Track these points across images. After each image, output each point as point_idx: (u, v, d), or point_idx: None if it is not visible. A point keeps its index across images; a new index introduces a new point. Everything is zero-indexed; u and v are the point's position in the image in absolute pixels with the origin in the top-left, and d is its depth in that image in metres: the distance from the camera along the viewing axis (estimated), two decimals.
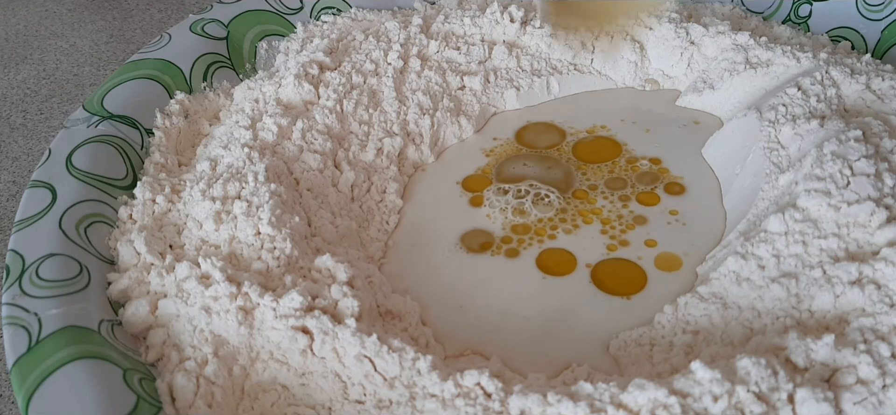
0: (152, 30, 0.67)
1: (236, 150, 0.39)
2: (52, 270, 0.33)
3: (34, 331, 0.30)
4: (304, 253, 0.35)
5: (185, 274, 0.33)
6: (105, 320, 0.32)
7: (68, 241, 0.34)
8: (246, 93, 0.45)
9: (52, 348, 0.29)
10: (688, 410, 0.26)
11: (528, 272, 0.37)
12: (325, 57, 0.45)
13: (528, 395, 0.27)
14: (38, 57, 0.64)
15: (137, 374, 0.30)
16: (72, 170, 0.38)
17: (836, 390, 0.27)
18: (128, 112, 0.42)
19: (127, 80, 0.44)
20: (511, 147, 0.45)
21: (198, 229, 0.35)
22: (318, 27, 0.51)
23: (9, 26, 0.67)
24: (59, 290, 0.32)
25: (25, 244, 0.34)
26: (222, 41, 0.48)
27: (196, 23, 0.48)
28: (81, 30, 0.67)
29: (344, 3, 0.53)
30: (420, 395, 0.28)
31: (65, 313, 0.31)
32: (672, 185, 0.41)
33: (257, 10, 0.51)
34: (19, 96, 0.59)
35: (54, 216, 0.35)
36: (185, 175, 0.39)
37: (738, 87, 0.45)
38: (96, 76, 0.61)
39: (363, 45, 0.47)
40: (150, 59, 0.45)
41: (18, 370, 0.29)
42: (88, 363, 0.29)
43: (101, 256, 0.35)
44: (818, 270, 0.32)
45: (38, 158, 0.52)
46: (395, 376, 0.29)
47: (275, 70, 0.48)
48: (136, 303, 0.33)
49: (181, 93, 0.44)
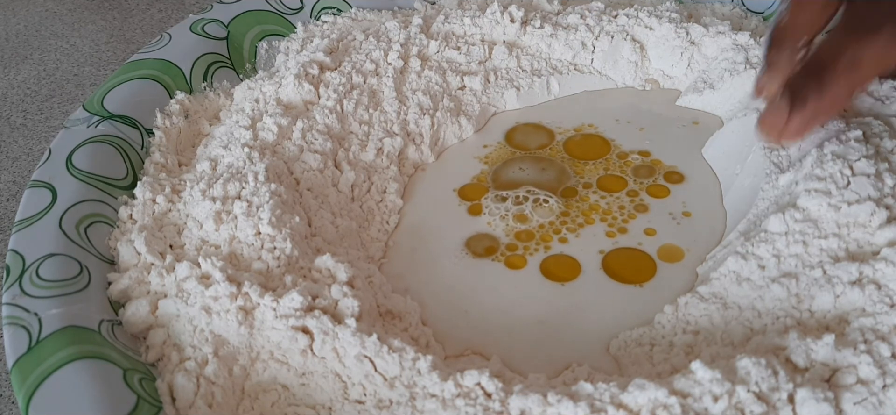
0: (152, 30, 0.67)
1: (236, 150, 0.39)
2: (53, 270, 0.33)
3: (34, 331, 0.30)
4: (305, 253, 0.35)
5: (185, 274, 0.33)
6: (105, 320, 0.32)
7: (68, 241, 0.34)
8: (246, 93, 0.45)
9: (53, 347, 0.29)
10: (688, 410, 0.26)
11: (530, 275, 0.37)
12: (325, 57, 0.45)
13: (528, 395, 0.27)
14: (38, 57, 0.63)
15: (137, 374, 0.30)
16: (72, 170, 0.38)
17: (836, 390, 0.27)
18: (128, 112, 0.42)
19: (127, 80, 0.44)
20: (504, 151, 0.44)
21: (198, 229, 0.35)
22: (318, 27, 0.51)
23: (9, 26, 0.67)
24: (59, 290, 0.32)
25: (26, 244, 0.34)
26: (222, 41, 0.48)
27: (196, 23, 0.48)
28: (81, 30, 0.67)
29: (344, 3, 0.53)
30: (420, 395, 0.28)
31: (65, 313, 0.31)
32: (671, 174, 0.42)
33: (257, 10, 0.51)
34: (19, 96, 0.59)
35: (54, 216, 0.35)
36: (186, 175, 0.39)
37: (738, 87, 0.45)
38: (96, 76, 0.61)
39: (363, 45, 0.47)
40: (151, 59, 0.45)
41: (18, 370, 0.29)
42: (88, 363, 0.29)
43: (102, 256, 0.35)
44: (818, 270, 0.32)
45: (38, 158, 0.52)
46: (396, 376, 0.29)
47: (275, 70, 0.48)
48: (136, 303, 0.33)
49: (181, 93, 0.44)
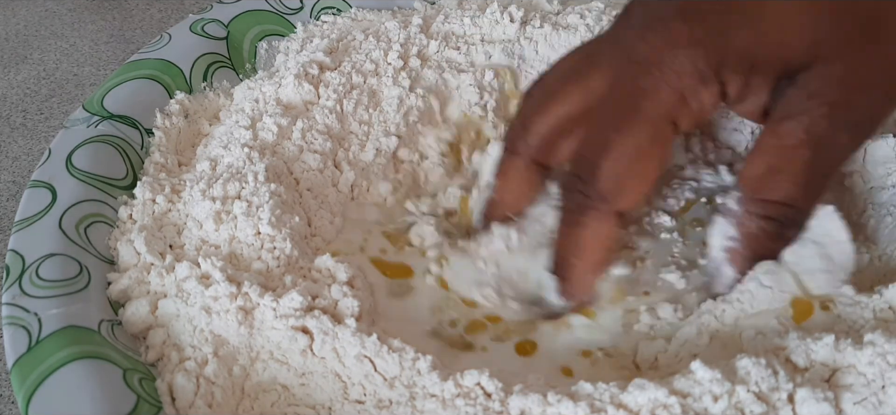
0: (152, 30, 0.67)
1: (236, 150, 0.39)
2: (52, 270, 0.33)
3: (34, 331, 0.30)
4: (304, 253, 0.35)
5: (185, 274, 0.33)
6: (105, 320, 0.32)
7: (68, 241, 0.34)
8: (246, 93, 0.45)
9: (53, 348, 0.29)
10: (688, 410, 0.26)
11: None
12: (325, 57, 0.45)
13: (528, 395, 0.27)
14: (38, 57, 0.63)
15: (137, 374, 0.30)
16: (72, 170, 0.38)
17: (836, 390, 0.27)
18: (128, 112, 0.42)
19: (127, 81, 0.43)
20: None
21: (198, 229, 0.35)
22: (318, 27, 0.51)
23: (9, 26, 0.67)
24: (59, 290, 0.32)
25: (25, 244, 0.34)
26: (222, 41, 0.48)
27: (196, 23, 0.48)
28: (81, 30, 0.67)
29: (344, 2, 0.53)
30: (420, 395, 0.28)
31: (65, 313, 0.31)
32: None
33: (257, 10, 0.51)
34: (19, 96, 0.59)
35: (54, 216, 0.35)
36: (185, 175, 0.39)
37: None
38: (96, 76, 0.61)
39: (363, 45, 0.47)
40: (151, 59, 0.45)
41: (18, 370, 0.29)
42: (88, 363, 0.29)
43: (101, 256, 0.35)
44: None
45: (38, 158, 0.52)
46: (395, 376, 0.29)
47: (275, 70, 0.48)
48: (136, 303, 0.33)
49: (181, 93, 0.44)
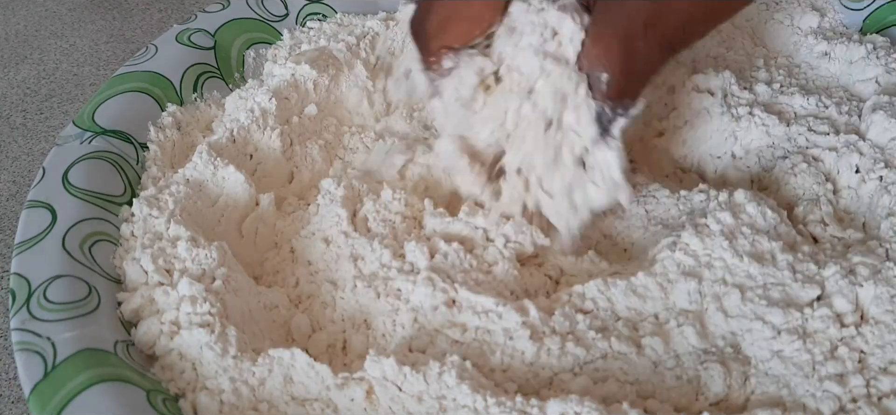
0: (152, 30, 0.66)
1: None
2: (60, 291, 0.32)
3: (49, 356, 0.29)
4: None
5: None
6: (120, 341, 0.31)
7: (74, 261, 0.33)
8: (238, 103, 0.44)
9: (71, 372, 0.29)
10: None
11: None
12: (311, 69, 0.45)
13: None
14: (38, 57, 0.63)
15: (160, 394, 0.29)
16: (69, 188, 0.37)
17: None
18: (120, 126, 0.41)
19: (116, 95, 0.42)
20: None
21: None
22: (304, 33, 0.51)
23: (9, 26, 0.66)
24: (69, 312, 0.31)
25: (29, 266, 0.33)
26: (209, 51, 0.47)
27: (182, 33, 0.47)
28: (81, 30, 0.66)
29: (329, 8, 0.52)
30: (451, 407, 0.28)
31: (79, 336, 0.30)
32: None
33: (243, 19, 0.50)
34: (19, 96, 0.58)
35: (57, 236, 0.34)
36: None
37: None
38: (96, 76, 0.60)
39: (351, 49, 0.47)
40: (139, 71, 0.44)
41: (37, 397, 0.28)
42: (110, 386, 0.29)
43: (108, 276, 0.34)
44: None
45: (39, 158, 0.51)
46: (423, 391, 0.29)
47: (264, 78, 0.47)
48: (147, 322, 0.32)
49: (173, 105, 0.43)
